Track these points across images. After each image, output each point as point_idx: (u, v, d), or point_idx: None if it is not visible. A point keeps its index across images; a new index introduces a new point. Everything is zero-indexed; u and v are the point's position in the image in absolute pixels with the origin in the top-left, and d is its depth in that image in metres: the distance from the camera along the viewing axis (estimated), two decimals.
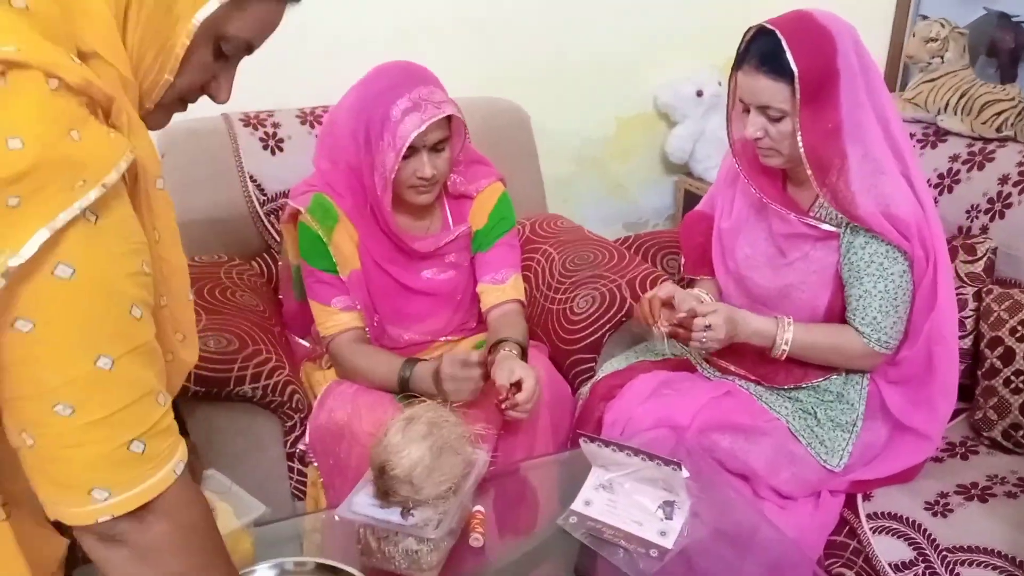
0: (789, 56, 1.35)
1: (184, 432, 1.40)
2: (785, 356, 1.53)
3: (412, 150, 1.53)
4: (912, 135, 2.12)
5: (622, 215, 2.75)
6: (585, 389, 1.69)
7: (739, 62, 1.44)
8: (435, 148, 1.57)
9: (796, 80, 1.35)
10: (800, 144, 1.40)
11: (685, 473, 1.26)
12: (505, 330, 1.66)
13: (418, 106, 1.51)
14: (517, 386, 1.47)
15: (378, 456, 1.17)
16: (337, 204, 1.63)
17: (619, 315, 1.81)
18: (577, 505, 1.35)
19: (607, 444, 1.32)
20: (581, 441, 1.35)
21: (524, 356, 1.60)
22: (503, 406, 1.47)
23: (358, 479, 1.47)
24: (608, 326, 1.82)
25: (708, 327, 1.47)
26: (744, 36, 1.44)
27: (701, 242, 1.75)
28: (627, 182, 2.73)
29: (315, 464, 1.61)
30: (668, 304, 1.52)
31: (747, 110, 1.45)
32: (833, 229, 1.49)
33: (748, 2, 2.54)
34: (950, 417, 1.76)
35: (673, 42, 2.58)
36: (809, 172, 1.42)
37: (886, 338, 1.49)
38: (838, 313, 1.54)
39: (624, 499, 1.33)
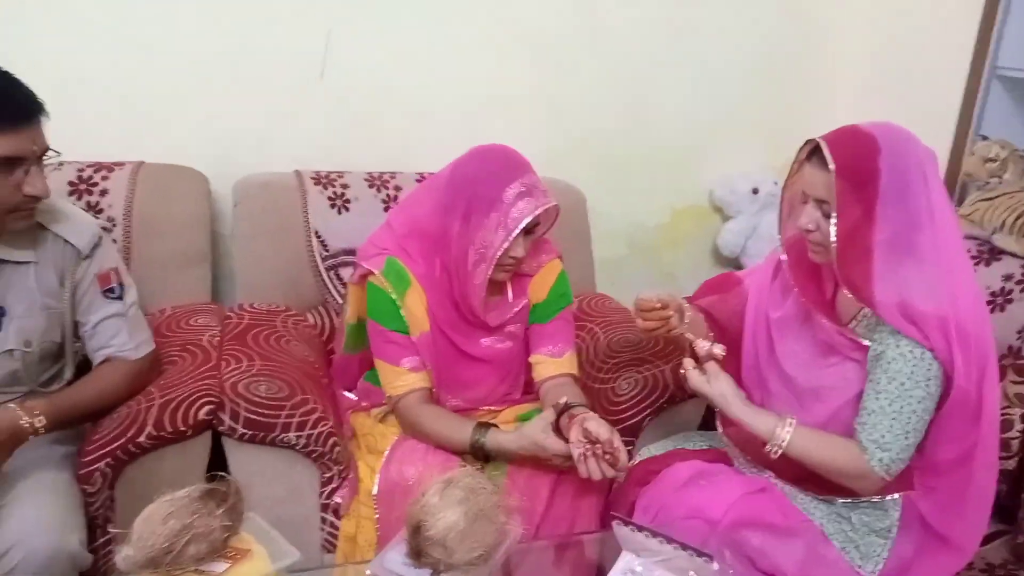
0: (827, 151, 1.41)
1: (225, 471, 1.44)
2: (779, 454, 1.49)
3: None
4: (967, 251, 2.14)
5: None
6: (622, 474, 1.69)
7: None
8: (529, 231, 1.64)
9: (833, 174, 1.40)
10: (833, 236, 1.43)
11: (716, 566, 1.25)
12: (568, 396, 1.67)
13: (531, 192, 1.61)
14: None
15: (415, 515, 1.19)
16: (410, 268, 1.69)
17: (660, 400, 1.82)
18: None
19: (640, 529, 1.32)
20: (614, 524, 1.35)
21: None
22: (607, 459, 1.50)
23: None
24: (649, 411, 1.83)
25: (712, 357, 1.51)
26: (801, 148, 1.49)
27: (718, 290, 1.80)
28: (677, 270, 2.77)
29: (356, 516, 1.63)
30: (663, 306, 1.58)
31: (805, 201, 1.49)
32: (866, 343, 1.49)
33: (808, 108, 2.65)
34: (989, 534, 1.75)
35: (733, 138, 2.65)
36: (835, 264, 1.44)
37: (889, 460, 1.43)
38: None
39: None
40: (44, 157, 1.47)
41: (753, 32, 2.61)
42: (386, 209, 2.16)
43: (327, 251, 2.11)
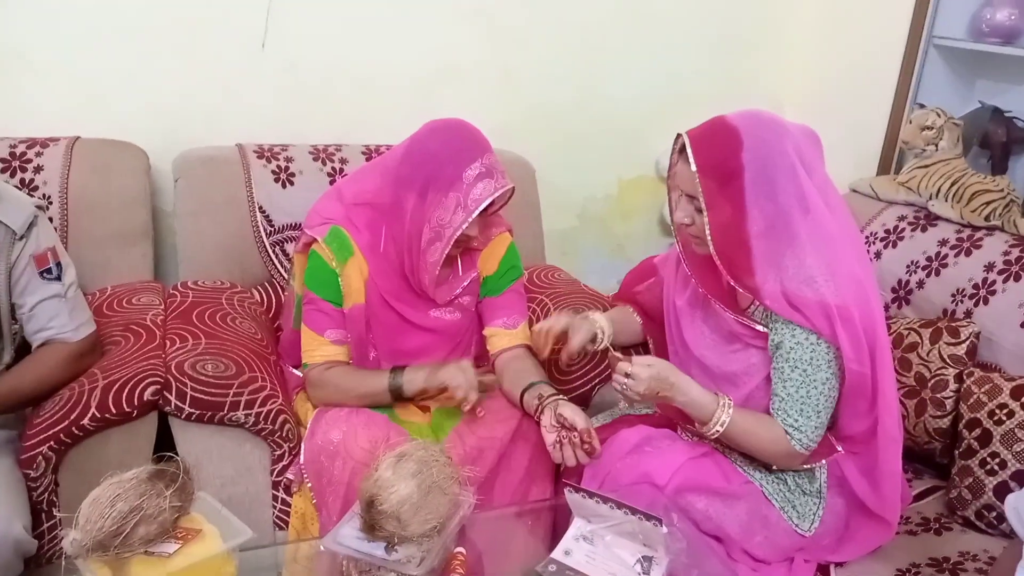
0: (690, 153, 1.44)
1: (173, 451, 1.43)
2: (716, 437, 1.52)
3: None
4: (903, 217, 2.20)
5: (618, 272, 2.78)
6: None
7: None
8: (485, 210, 1.63)
9: (697, 173, 1.43)
10: (708, 232, 1.46)
11: (664, 529, 1.28)
12: (529, 375, 1.69)
13: (490, 173, 1.61)
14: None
15: (367, 490, 1.20)
16: (354, 238, 1.68)
17: (608, 369, 1.84)
18: (557, 554, 1.37)
19: (591, 495, 1.35)
20: (566, 491, 1.38)
21: None
22: (584, 448, 1.52)
23: (350, 497, 1.51)
24: (597, 380, 1.86)
25: (628, 375, 1.48)
26: (674, 141, 1.51)
27: (640, 280, 1.85)
28: (626, 241, 2.79)
29: (304, 492, 1.62)
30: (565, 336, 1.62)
31: (681, 196, 1.52)
32: (763, 329, 1.53)
33: (756, 76, 2.68)
34: (924, 490, 1.83)
35: (681, 109, 2.63)
36: (716, 258, 1.47)
37: (807, 440, 1.50)
38: None
39: (604, 551, 1.35)
40: None
41: (703, 5, 2.62)
42: (331, 182, 2.13)
43: (272, 226, 2.08)
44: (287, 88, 2.26)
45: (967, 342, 1.86)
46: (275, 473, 1.67)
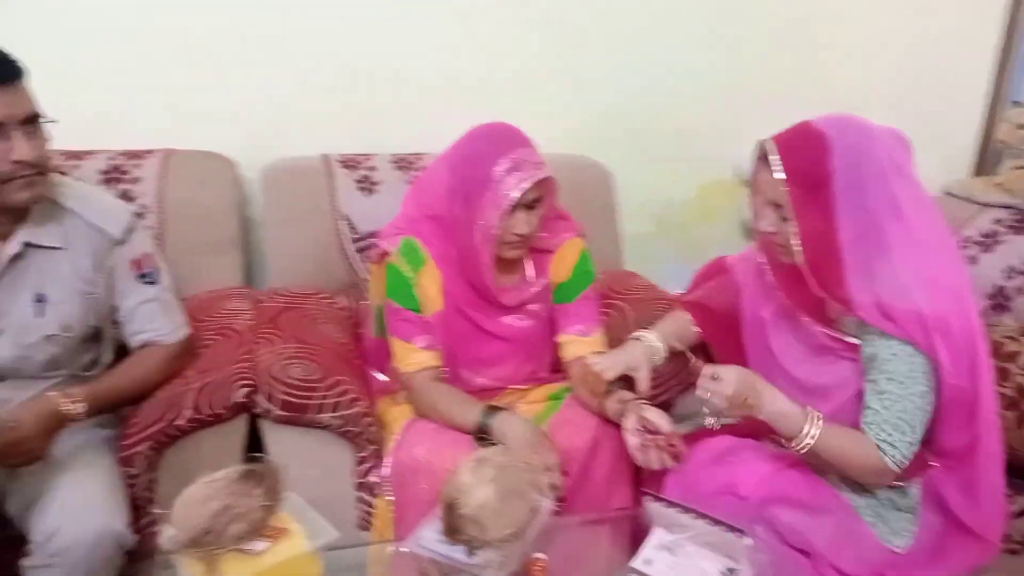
0: (776, 160, 1.39)
1: (262, 451, 1.47)
2: (805, 451, 1.45)
3: (515, 206, 1.62)
4: (1000, 220, 2.11)
5: None
6: None
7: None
8: (530, 206, 1.64)
9: (786, 182, 1.38)
10: (796, 242, 1.41)
11: (748, 541, 1.26)
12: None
13: (519, 166, 1.60)
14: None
15: (448, 494, 1.21)
16: (425, 248, 1.71)
17: (690, 377, 1.82)
18: (637, 563, 1.36)
19: (672, 505, 1.33)
20: (646, 500, 1.37)
21: None
22: (670, 452, 1.51)
23: (432, 514, 1.53)
24: (678, 387, 1.83)
25: (714, 377, 1.44)
26: (756, 147, 1.47)
27: (709, 278, 1.81)
28: (706, 246, 2.73)
29: (386, 497, 1.66)
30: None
31: (765, 204, 1.48)
32: (855, 341, 1.47)
33: (838, 76, 2.60)
34: (1017, 514, 1.74)
35: (760, 111, 2.60)
36: (805, 269, 1.42)
37: (900, 457, 1.42)
38: None
39: (685, 561, 1.34)
40: (33, 123, 1.45)
41: (781, 5, 2.56)
42: None
43: (355, 233, 2.13)
44: (367, 99, 2.31)
45: None
46: (359, 475, 1.71)
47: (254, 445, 1.67)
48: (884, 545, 1.52)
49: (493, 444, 1.52)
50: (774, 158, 1.40)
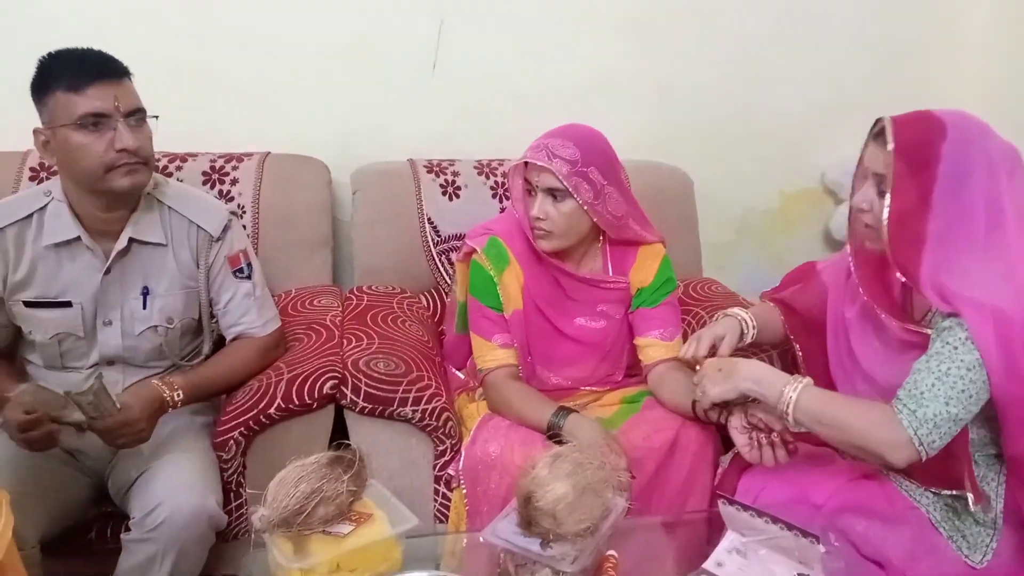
0: (889, 132, 1.38)
1: (347, 441, 1.54)
2: (795, 421, 1.42)
3: (530, 191, 1.71)
4: None
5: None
6: (726, 457, 1.71)
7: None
8: (551, 195, 1.69)
9: (892, 152, 1.37)
10: (886, 216, 1.39)
11: (822, 548, 1.26)
12: (681, 380, 1.70)
13: (536, 148, 1.69)
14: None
15: (525, 487, 1.25)
16: (509, 247, 1.78)
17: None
18: (709, 565, 1.36)
19: (746, 508, 1.34)
20: (720, 503, 1.38)
21: None
22: (789, 446, 1.51)
23: (503, 508, 1.57)
24: None
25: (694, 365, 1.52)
26: (872, 127, 1.47)
27: (798, 281, 1.81)
28: (787, 255, 2.72)
29: (462, 489, 1.71)
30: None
31: (867, 178, 1.47)
32: (931, 332, 1.43)
33: (926, 83, 2.55)
34: None
35: (846, 120, 2.56)
36: (887, 244, 1.40)
37: (922, 417, 1.33)
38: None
39: (757, 566, 1.34)
40: (137, 116, 1.56)
41: (866, 9, 2.53)
42: (494, 195, 2.23)
43: (439, 236, 2.20)
44: (454, 105, 2.38)
45: None
46: (437, 468, 1.76)
47: (339, 435, 1.73)
48: (963, 559, 1.48)
49: (565, 443, 1.55)
50: (888, 130, 1.39)
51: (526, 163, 1.71)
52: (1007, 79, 2.47)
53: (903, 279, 1.43)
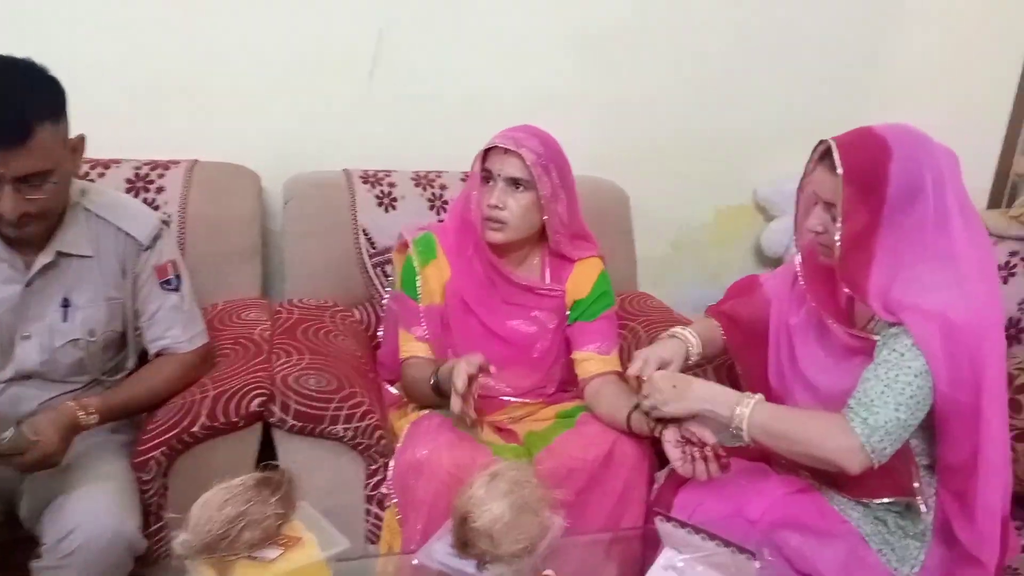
0: (836, 156, 1.40)
1: (274, 461, 1.49)
2: (750, 437, 1.44)
3: (489, 180, 1.73)
4: (1015, 253, 2.10)
5: (711, 301, 2.77)
6: (662, 473, 1.70)
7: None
8: (513, 184, 1.71)
9: (841, 178, 1.39)
10: (837, 236, 1.41)
11: (757, 564, 1.26)
12: (630, 397, 1.68)
13: (503, 136, 1.73)
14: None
15: (461, 507, 1.22)
16: (440, 243, 1.80)
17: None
18: None
19: (682, 525, 1.33)
20: (656, 520, 1.37)
21: None
22: (722, 462, 1.51)
23: (433, 515, 1.54)
24: None
25: (640, 380, 1.51)
26: (815, 148, 1.49)
27: (741, 294, 1.82)
28: (721, 270, 2.76)
29: (394, 507, 1.67)
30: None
31: (817, 203, 1.49)
32: (878, 338, 1.46)
33: (860, 109, 2.60)
34: (1019, 550, 1.71)
35: (778, 137, 2.63)
36: (837, 264, 1.43)
37: (873, 424, 1.36)
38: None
39: None
40: (30, 182, 1.42)
41: (808, 38, 2.59)
42: (431, 207, 2.20)
43: (374, 248, 2.15)
44: (392, 115, 2.34)
45: None
46: (369, 487, 1.72)
47: (267, 454, 1.68)
48: (891, 573, 1.51)
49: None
50: (835, 154, 1.41)
51: (487, 151, 1.74)
52: (935, 108, 2.54)
53: (851, 294, 1.46)
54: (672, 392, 1.51)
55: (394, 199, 2.19)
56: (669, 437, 1.53)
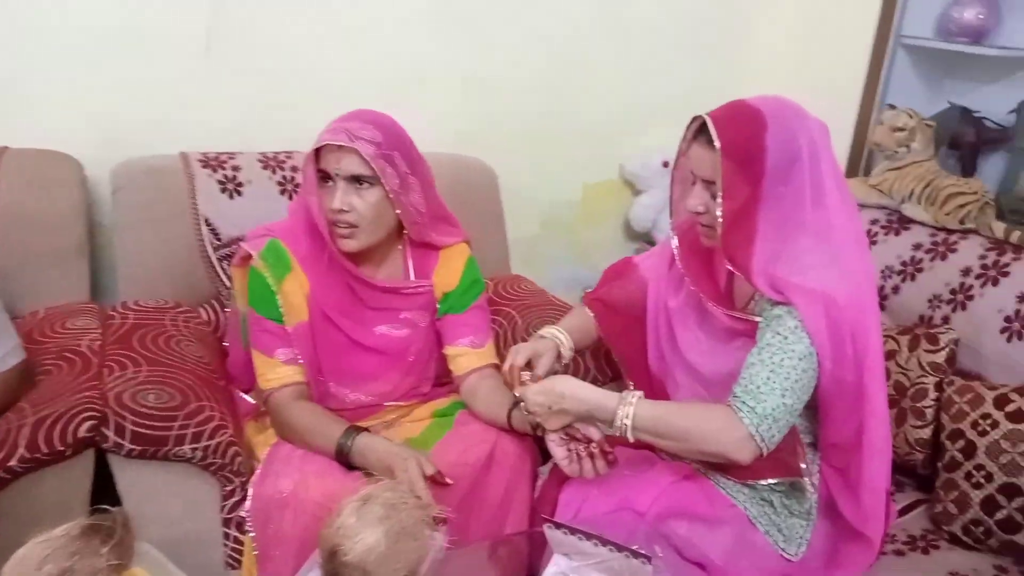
0: (712, 131, 1.36)
1: (113, 492, 1.30)
2: (635, 439, 1.38)
3: (327, 181, 1.54)
4: (875, 221, 2.15)
5: (583, 280, 2.72)
6: (545, 468, 1.63)
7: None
8: (356, 182, 1.53)
9: (719, 152, 1.36)
10: (719, 212, 1.38)
11: (651, 568, 1.20)
12: (510, 394, 1.57)
13: (334, 131, 1.52)
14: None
15: (329, 539, 1.09)
16: (291, 251, 1.59)
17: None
18: None
19: (574, 532, 1.26)
20: (546, 528, 1.29)
21: None
22: (608, 458, 1.44)
23: (299, 552, 1.40)
24: None
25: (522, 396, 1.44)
26: (688, 125, 1.45)
27: (616, 277, 1.77)
28: (592, 248, 2.73)
29: (248, 540, 1.51)
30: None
31: (695, 182, 1.45)
32: (759, 320, 1.45)
33: (721, 80, 2.63)
34: (908, 504, 1.77)
35: (644, 113, 2.61)
36: (720, 241, 1.40)
37: (762, 412, 1.32)
38: None
39: None
40: None
41: (668, 9, 2.56)
42: (282, 191, 2.03)
43: (219, 240, 1.96)
44: (235, 94, 2.14)
45: (946, 349, 1.82)
46: (226, 510, 1.55)
47: (104, 486, 1.49)
48: (778, 553, 1.51)
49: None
50: (712, 130, 1.36)
51: (318, 150, 1.53)
52: (794, 76, 2.58)
53: (735, 271, 1.42)
54: (547, 412, 1.42)
55: (240, 184, 1.99)
56: (553, 435, 1.45)
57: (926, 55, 2.30)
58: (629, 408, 1.36)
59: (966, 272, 1.92)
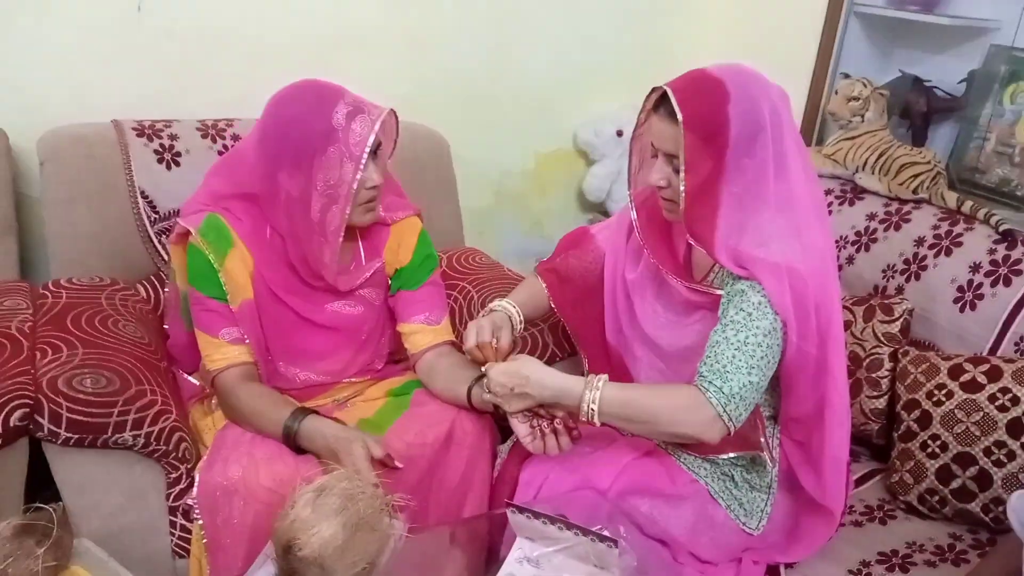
0: (674, 103, 1.32)
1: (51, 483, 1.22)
2: (603, 424, 1.35)
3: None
4: (829, 191, 2.15)
5: (537, 250, 2.69)
6: (505, 446, 1.59)
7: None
8: (375, 153, 1.47)
9: (682, 126, 1.32)
10: (682, 186, 1.35)
11: (618, 551, 1.17)
12: (470, 370, 1.54)
13: (360, 108, 1.42)
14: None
15: (284, 533, 1.03)
16: (233, 227, 1.51)
17: (541, 360, 1.72)
18: None
19: (537, 516, 1.22)
20: (508, 512, 1.25)
21: None
22: (572, 433, 1.41)
23: (251, 541, 1.35)
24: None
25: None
26: (647, 96, 1.41)
27: (572, 247, 1.73)
28: (544, 218, 2.68)
29: (197, 527, 1.44)
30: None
31: (655, 155, 1.42)
32: (720, 293, 1.42)
33: (672, 45, 2.59)
34: (864, 474, 1.79)
35: (597, 80, 2.56)
36: (683, 216, 1.37)
37: (729, 392, 1.31)
38: None
39: (551, 573, 1.23)
40: None
41: None
42: None
43: (156, 213, 1.87)
44: (170, 57, 2.02)
45: (901, 319, 1.83)
46: (171, 498, 1.48)
47: (40, 477, 1.40)
48: (740, 527, 1.51)
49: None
50: (673, 102, 1.32)
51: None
52: (745, 41, 2.55)
53: (697, 246, 1.39)
54: (509, 394, 1.38)
55: (177, 154, 1.90)
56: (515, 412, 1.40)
57: (877, 23, 2.28)
58: (596, 393, 1.33)
59: (919, 242, 1.92)
